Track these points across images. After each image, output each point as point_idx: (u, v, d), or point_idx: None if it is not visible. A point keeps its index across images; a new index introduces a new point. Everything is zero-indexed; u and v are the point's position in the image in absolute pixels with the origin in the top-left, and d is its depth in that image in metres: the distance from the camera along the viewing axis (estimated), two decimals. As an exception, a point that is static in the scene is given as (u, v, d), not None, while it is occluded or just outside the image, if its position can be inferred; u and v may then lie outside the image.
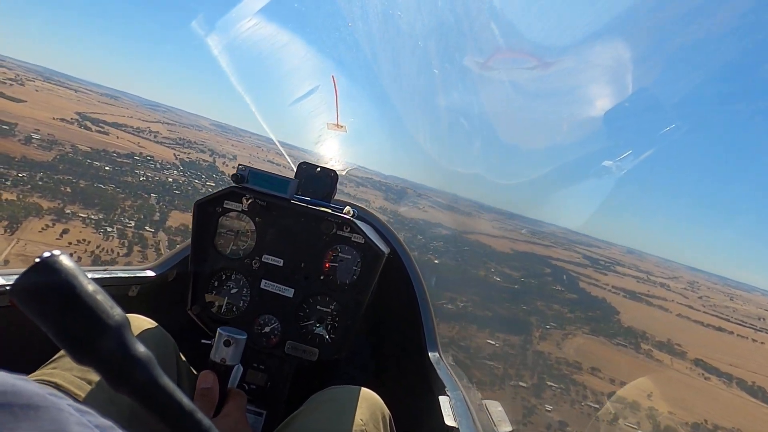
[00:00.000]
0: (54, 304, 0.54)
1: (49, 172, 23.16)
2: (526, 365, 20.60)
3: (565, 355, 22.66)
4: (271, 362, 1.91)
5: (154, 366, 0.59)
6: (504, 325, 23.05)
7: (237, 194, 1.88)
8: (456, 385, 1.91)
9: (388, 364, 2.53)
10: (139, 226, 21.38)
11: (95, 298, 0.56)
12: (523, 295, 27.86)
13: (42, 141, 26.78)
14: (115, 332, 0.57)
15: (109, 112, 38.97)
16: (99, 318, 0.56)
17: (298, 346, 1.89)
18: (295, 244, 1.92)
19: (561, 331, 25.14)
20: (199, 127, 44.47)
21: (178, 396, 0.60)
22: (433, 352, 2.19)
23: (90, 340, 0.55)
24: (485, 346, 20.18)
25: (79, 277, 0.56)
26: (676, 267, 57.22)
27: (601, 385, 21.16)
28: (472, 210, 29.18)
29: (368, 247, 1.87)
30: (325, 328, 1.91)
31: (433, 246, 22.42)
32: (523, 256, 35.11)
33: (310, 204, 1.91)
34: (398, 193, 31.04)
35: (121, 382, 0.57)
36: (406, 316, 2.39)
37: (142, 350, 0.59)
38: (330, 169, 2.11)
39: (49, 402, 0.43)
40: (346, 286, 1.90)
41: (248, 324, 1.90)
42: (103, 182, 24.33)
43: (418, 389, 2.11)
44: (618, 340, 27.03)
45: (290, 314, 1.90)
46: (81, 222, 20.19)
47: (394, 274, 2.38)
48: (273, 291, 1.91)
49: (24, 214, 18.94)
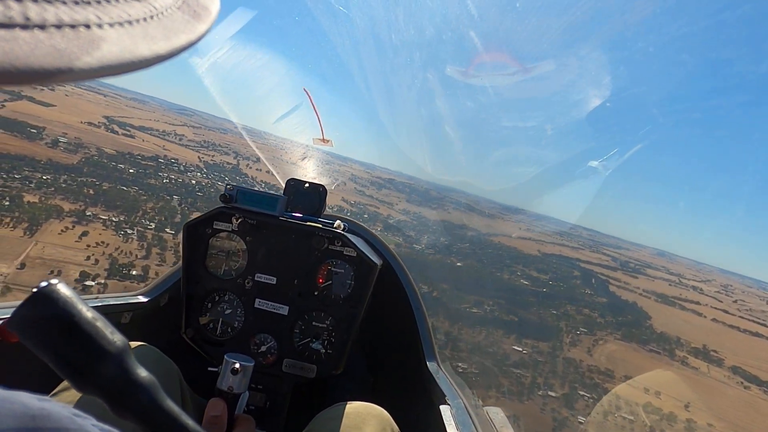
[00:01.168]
0: (54, 334, 0.54)
1: (74, 174, 22.97)
2: (555, 373, 19.49)
3: (597, 363, 21.43)
4: (269, 381, 1.88)
5: (157, 390, 0.60)
6: (532, 330, 22.00)
7: (226, 214, 1.86)
8: (456, 393, 1.88)
9: (387, 376, 2.50)
10: (159, 228, 20.98)
11: (95, 325, 0.57)
12: (551, 299, 26.72)
13: (68, 144, 26.71)
14: (116, 358, 0.57)
15: (136, 116, 39.00)
16: (99, 345, 0.56)
17: (295, 364, 1.87)
18: (287, 261, 1.90)
19: (591, 336, 23.90)
20: (224, 130, 44.30)
21: (183, 419, 0.60)
22: (432, 362, 2.17)
23: (91, 367, 0.56)
24: (512, 352, 19.18)
25: (77, 305, 0.56)
26: (709, 270, 54.95)
27: (635, 394, 19.91)
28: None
29: (361, 259, 1.86)
30: (322, 344, 1.88)
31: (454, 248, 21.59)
32: (550, 259, 33.90)
33: (299, 220, 1.90)
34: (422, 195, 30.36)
35: (125, 408, 0.58)
36: (402, 327, 2.37)
37: (145, 374, 0.60)
38: (319, 185, 2.09)
39: (76, 424, 0.43)
40: (341, 300, 1.89)
41: (244, 344, 1.89)
42: (126, 184, 24.08)
43: (419, 399, 2.10)
44: (651, 347, 25.64)
45: (286, 332, 1.89)
46: (101, 224, 19.87)
47: (387, 286, 2.34)
48: (267, 309, 1.89)
49: (45, 216, 18.70)
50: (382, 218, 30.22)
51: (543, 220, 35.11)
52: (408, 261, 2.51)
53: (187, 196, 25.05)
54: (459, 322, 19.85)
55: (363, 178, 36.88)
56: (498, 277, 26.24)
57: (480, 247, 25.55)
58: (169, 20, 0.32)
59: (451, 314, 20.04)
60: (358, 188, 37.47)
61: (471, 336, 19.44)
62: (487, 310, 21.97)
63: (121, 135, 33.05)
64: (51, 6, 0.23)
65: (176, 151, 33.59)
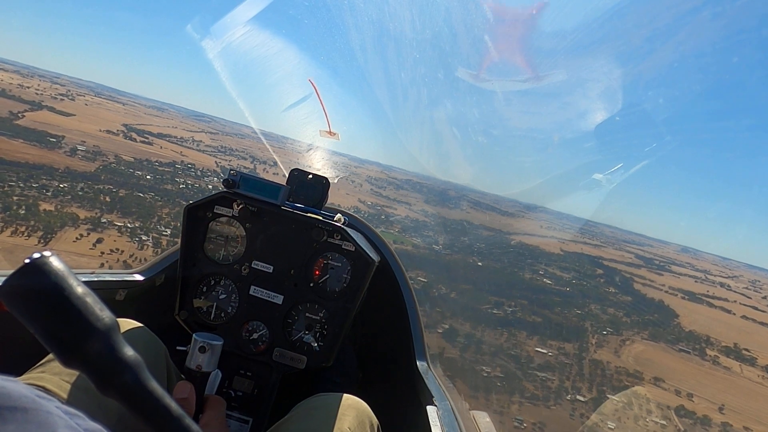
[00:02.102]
0: (42, 306, 0.54)
1: (90, 182, 22.80)
2: (582, 376, 18.62)
3: (625, 364, 20.49)
4: (258, 369, 1.85)
5: (142, 370, 0.59)
6: (556, 331, 21.16)
7: (228, 199, 1.85)
8: (444, 395, 1.87)
9: (376, 372, 2.47)
10: (175, 234, 20.61)
11: (84, 301, 0.56)
12: (575, 298, 25.81)
13: (87, 152, 26.63)
14: (103, 335, 0.57)
15: (154, 124, 39.01)
16: (87, 320, 0.56)
17: (285, 354, 1.85)
18: (286, 250, 1.89)
19: (618, 336, 22.95)
20: (242, 135, 44.15)
21: (166, 401, 0.59)
22: (422, 362, 2.17)
23: (78, 343, 0.55)
24: (537, 355, 18.40)
25: (68, 279, 0.56)
26: (735, 265, 53.24)
27: (666, 397, 18.95)
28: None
29: (358, 255, 1.86)
30: (314, 336, 1.88)
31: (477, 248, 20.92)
32: (573, 257, 32.94)
33: (300, 211, 1.89)
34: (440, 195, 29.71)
35: (109, 386, 0.57)
36: (395, 325, 2.37)
37: (131, 354, 0.59)
38: (322, 177, 2.09)
39: (38, 404, 0.43)
40: (336, 294, 1.88)
41: (236, 330, 1.87)
42: (143, 191, 23.85)
43: (406, 398, 2.11)
44: (680, 346, 24.56)
45: (279, 321, 1.87)
46: (116, 231, 19.60)
47: (383, 283, 2.35)
48: (262, 297, 1.88)
49: (60, 224, 18.49)
50: (399, 219, 29.64)
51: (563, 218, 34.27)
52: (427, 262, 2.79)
53: (203, 202, 24.74)
54: (481, 323, 19.16)
55: (380, 179, 36.40)
56: (519, 276, 25.48)
57: (500, 246, 24.89)
58: None
59: (471, 316, 19.35)
60: (375, 189, 37.00)
61: (493, 338, 18.73)
62: (509, 311, 21.24)
63: (140, 142, 33.00)
64: None
65: (193, 156, 33.43)
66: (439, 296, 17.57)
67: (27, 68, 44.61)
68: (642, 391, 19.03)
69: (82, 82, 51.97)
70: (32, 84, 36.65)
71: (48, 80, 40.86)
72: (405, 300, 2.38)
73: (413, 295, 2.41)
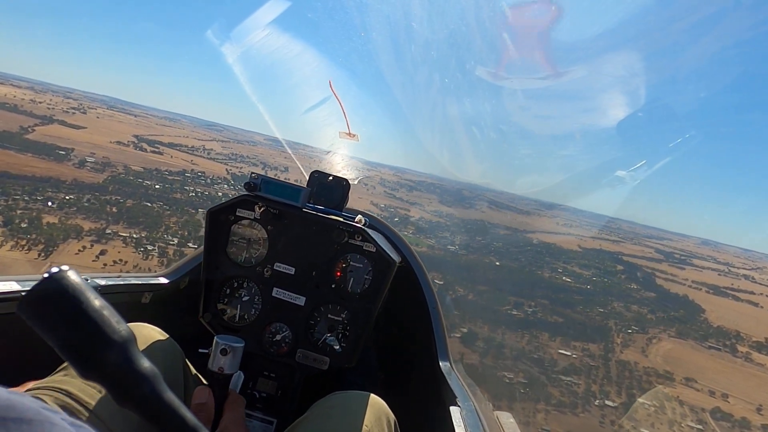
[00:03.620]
0: (60, 319, 0.55)
1: (98, 193, 22.19)
2: (610, 379, 17.42)
3: (653, 364, 19.22)
4: (282, 370, 1.86)
5: (159, 381, 0.60)
6: (579, 331, 19.99)
7: (249, 202, 1.85)
8: (467, 395, 1.83)
9: (399, 373, 2.46)
10: (182, 243, 19.86)
11: (101, 314, 0.57)
12: (596, 296, 24.59)
13: (96, 164, 26.10)
14: (120, 347, 0.57)
15: (166, 134, 38.56)
16: (105, 333, 0.56)
17: (308, 355, 1.86)
18: (307, 252, 1.89)
19: (644, 335, 21.69)
20: (254, 142, 43.56)
21: (182, 412, 0.60)
22: (444, 362, 2.13)
23: (95, 355, 0.56)
24: (561, 358, 17.28)
25: (86, 293, 0.56)
26: (758, 257, 51.33)
27: (699, 398, 17.67)
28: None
29: (379, 256, 1.84)
30: (336, 337, 1.87)
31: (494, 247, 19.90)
32: (592, 254, 31.72)
33: (321, 212, 1.88)
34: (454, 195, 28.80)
35: (126, 397, 0.58)
36: (417, 325, 2.35)
37: (147, 365, 0.59)
38: (342, 178, 2.06)
39: (42, 416, 0.43)
40: (357, 295, 1.87)
41: (259, 332, 1.86)
42: (151, 200, 23.19)
43: (429, 399, 2.10)
44: (710, 343, 23.19)
45: (301, 322, 1.87)
46: (121, 242, 18.88)
47: (405, 284, 2.30)
48: (284, 299, 1.87)
49: (63, 236, 17.81)
50: (414, 220, 28.68)
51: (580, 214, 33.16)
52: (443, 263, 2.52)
53: (212, 209, 24.02)
54: (501, 326, 18.12)
55: (392, 181, 35.54)
56: (538, 275, 24.41)
57: (517, 245, 23.93)
58: None
59: (491, 318, 18.31)
60: (388, 191, 36.14)
61: (514, 341, 17.67)
62: (529, 312, 20.17)
63: (150, 152, 32.50)
64: None
65: (204, 164, 32.82)
66: (456, 298, 16.64)
67: (41, 84, 44.55)
68: (672, 392, 17.80)
69: (95, 96, 51.90)
70: (44, 99, 36.40)
71: (61, 95, 40.67)
72: (427, 300, 2.34)
73: (435, 296, 2.37)
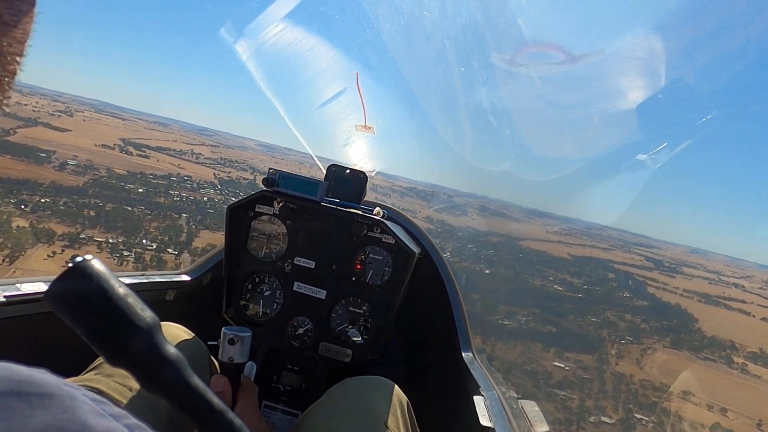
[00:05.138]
0: (87, 308, 0.55)
1: (76, 196, 20.98)
2: (605, 393, 16.49)
3: (650, 377, 18.30)
4: (305, 364, 1.89)
5: (184, 366, 0.60)
6: (573, 342, 19.08)
7: (268, 198, 1.88)
8: (491, 384, 1.84)
9: (421, 364, 2.45)
10: (161, 249, 18.71)
11: (126, 301, 0.57)
12: (589, 305, 23.72)
13: (77, 166, 24.87)
14: (146, 333, 0.57)
15: (154, 138, 37.34)
16: (130, 320, 0.57)
17: (331, 348, 1.86)
18: (326, 246, 1.90)
19: (638, 345, 20.80)
20: (244, 147, 42.57)
21: (208, 396, 0.60)
22: (467, 352, 2.13)
23: (122, 342, 0.56)
24: (554, 370, 16.33)
25: (110, 281, 0.56)
26: (747, 265, 50.97)
27: (698, 413, 16.78)
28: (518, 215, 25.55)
29: (399, 247, 1.85)
30: (358, 330, 1.87)
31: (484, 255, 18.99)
32: (582, 261, 30.95)
33: (340, 206, 1.89)
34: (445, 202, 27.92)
35: (153, 382, 0.58)
36: (438, 316, 2.34)
37: (173, 351, 0.60)
38: (359, 171, 2.08)
39: (63, 391, 0.43)
40: (378, 287, 1.87)
41: (282, 326, 1.89)
42: (132, 204, 22.03)
43: (452, 389, 2.09)
44: (705, 354, 22.34)
45: (323, 316, 1.88)
46: (96, 247, 17.64)
47: (425, 274, 2.31)
48: (305, 293, 1.89)
49: (33, 241, 16.62)
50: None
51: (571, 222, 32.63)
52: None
53: (196, 214, 22.90)
54: (492, 336, 17.21)
55: (384, 187, 34.71)
56: (530, 283, 23.54)
57: (508, 252, 23.05)
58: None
59: (482, 328, 17.39)
60: (380, 198, 35.20)
61: (506, 353, 16.71)
62: (521, 322, 19.23)
63: (136, 156, 31.31)
64: None
65: (191, 168, 31.68)
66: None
67: (29, 87, 43.28)
68: (669, 406, 16.91)
69: (85, 100, 50.56)
70: (31, 102, 35.09)
71: (49, 98, 39.42)
72: (448, 291, 2.31)
73: (456, 286, 2.33)
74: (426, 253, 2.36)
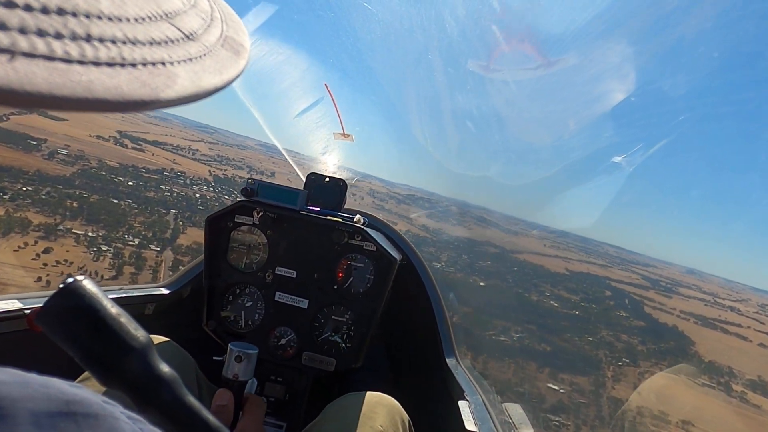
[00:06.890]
0: (79, 328, 0.54)
1: (60, 186, 19.93)
2: (602, 420, 15.41)
3: (647, 403, 17.17)
4: (289, 374, 1.83)
5: (179, 386, 0.59)
6: (568, 362, 18.00)
7: (247, 208, 1.82)
8: (475, 389, 1.82)
9: (406, 370, 2.42)
10: (142, 245, 17.58)
11: (119, 321, 0.56)
12: (585, 323, 22.68)
13: (67, 156, 23.81)
14: (139, 353, 0.57)
15: (152, 132, 36.34)
16: (123, 340, 0.56)
17: (314, 357, 1.81)
18: (308, 254, 1.85)
19: (635, 368, 19.77)
20: (244, 146, 41.53)
21: (204, 415, 0.59)
22: (450, 358, 2.10)
23: (115, 362, 0.55)
24: (548, 392, 15.26)
25: (102, 301, 0.56)
26: (741, 288, 50.00)
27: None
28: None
29: (380, 254, 1.81)
30: (341, 338, 1.82)
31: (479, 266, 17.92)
32: (579, 277, 29.98)
33: (320, 214, 1.84)
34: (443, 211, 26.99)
35: (148, 403, 0.57)
36: (421, 322, 2.30)
37: (167, 370, 0.59)
38: (339, 179, 2.03)
39: (107, 411, 0.43)
40: (360, 295, 1.83)
41: (264, 337, 1.83)
42: (119, 197, 20.94)
43: (437, 395, 2.05)
44: (703, 380, 21.27)
45: (305, 325, 1.83)
46: (73, 239, 16.56)
47: (407, 281, 2.28)
48: (287, 303, 1.84)
49: (5, 231, 15.52)
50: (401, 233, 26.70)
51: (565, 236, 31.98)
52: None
53: (186, 210, 21.82)
54: (483, 353, 16.16)
55: (382, 193, 33.74)
56: (525, 298, 22.48)
57: (504, 264, 21.99)
58: (218, 57, 0.36)
59: (474, 344, 16.37)
60: (377, 203, 34.34)
61: (498, 371, 15.60)
62: (515, 338, 18.15)
63: (131, 149, 30.29)
64: (136, 47, 0.27)
65: (186, 164, 30.64)
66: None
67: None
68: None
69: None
70: (29, 89, 34.19)
71: (49, 87, 38.46)
72: (430, 296, 2.27)
73: (438, 291, 2.31)
74: (407, 260, 2.31)
